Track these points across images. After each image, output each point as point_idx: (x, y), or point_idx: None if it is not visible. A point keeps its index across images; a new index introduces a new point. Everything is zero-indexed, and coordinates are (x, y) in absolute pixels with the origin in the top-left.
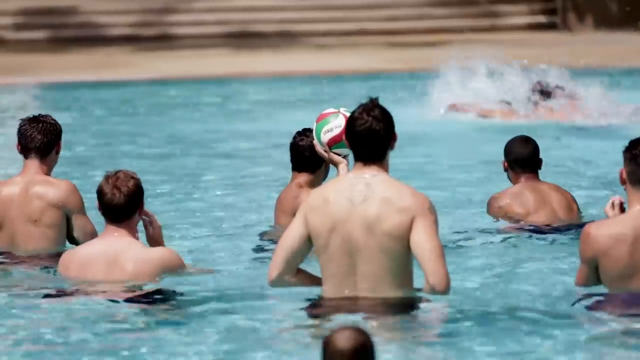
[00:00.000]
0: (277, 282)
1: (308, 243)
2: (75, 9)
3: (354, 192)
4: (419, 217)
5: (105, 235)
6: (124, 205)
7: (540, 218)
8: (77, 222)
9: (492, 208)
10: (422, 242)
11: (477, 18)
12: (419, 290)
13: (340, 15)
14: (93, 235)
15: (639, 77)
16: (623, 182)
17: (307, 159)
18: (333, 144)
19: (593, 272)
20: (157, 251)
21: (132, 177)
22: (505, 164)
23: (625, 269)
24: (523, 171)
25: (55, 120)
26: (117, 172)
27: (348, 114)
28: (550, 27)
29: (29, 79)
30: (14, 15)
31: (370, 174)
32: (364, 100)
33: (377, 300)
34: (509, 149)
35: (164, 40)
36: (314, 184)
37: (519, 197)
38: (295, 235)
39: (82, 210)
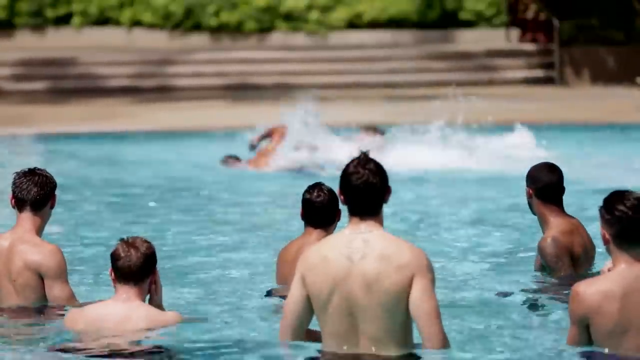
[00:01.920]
0: None
1: (310, 303)
2: (74, 60)
3: (352, 249)
4: (417, 276)
5: (115, 297)
6: (139, 268)
7: (590, 259)
8: (51, 287)
9: (555, 249)
10: (419, 303)
11: (475, 72)
12: (419, 345)
13: (339, 67)
14: (68, 302)
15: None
16: (607, 243)
17: (324, 215)
18: None
19: (584, 332)
20: (170, 315)
21: (147, 242)
22: (530, 192)
23: (616, 326)
24: (551, 200)
25: (50, 174)
26: (132, 237)
27: None
28: (547, 81)
29: (29, 130)
30: (13, 66)
31: (366, 229)
32: (356, 155)
33: (379, 357)
34: (535, 177)
35: (163, 92)
36: None
37: (574, 236)
38: (297, 299)
39: (59, 276)
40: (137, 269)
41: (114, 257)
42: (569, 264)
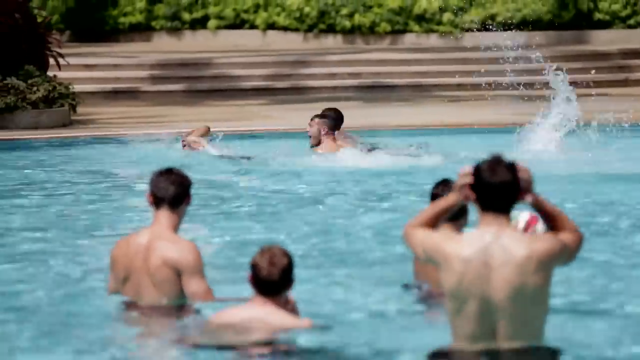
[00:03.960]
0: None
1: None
2: (210, 62)
3: (490, 255)
4: (558, 260)
5: (254, 300)
6: (277, 282)
7: None
8: (188, 283)
9: None
10: (569, 255)
11: (610, 72)
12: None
13: (472, 68)
14: (205, 297)
15: None
16: None
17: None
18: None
19: None
20: (304, 322)
21: (286, 255)
22: None
23: None
24: None
25: (185, 173)
26: (271, 248)
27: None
28: None
29: (166, 130)
30: (151, 68)
31: (501, 230)
32: (490, 154)
33: (516, 355)
34: None
35: (297, 92)
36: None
37: None
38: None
39: (196, 272)
40: (275, 285)
41: (255, 269)
42: None
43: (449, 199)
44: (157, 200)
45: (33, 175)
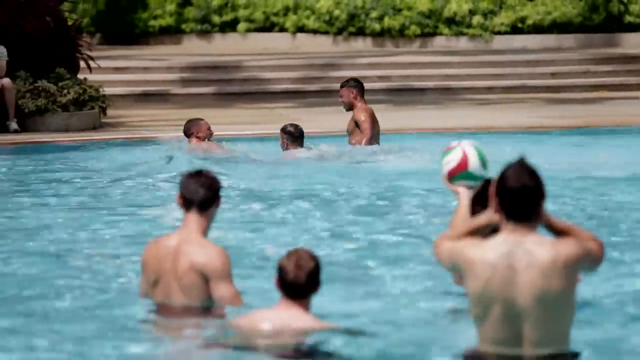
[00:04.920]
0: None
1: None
2: (240, 65)
3: (514, 259)
4: (582, 262)
5: (281, 305)
6: (304, 286)
7: None
8: (216, 288)
9: None
10: (593, 260)
11: None
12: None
13: (502, 71)
14: (233, 302)
15: None
16: None
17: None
18: (450, 176)
19: None
20: (328, 326)
21: (313, 258)
22: None
23: None
24: None
25: (215, 175)
26: (297, 251)
27: (469, 147)
28: None
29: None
30: (181, 71)
31: (525, 236)
32: (514, 159)
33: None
34: None
35: (327, 95)
36: None
37: None
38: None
39: (224, 276)
40: (302, 288)
41: (281, 272)
42: None
43: (491, 216)
44: (187, 203)
45: (63, 177)
